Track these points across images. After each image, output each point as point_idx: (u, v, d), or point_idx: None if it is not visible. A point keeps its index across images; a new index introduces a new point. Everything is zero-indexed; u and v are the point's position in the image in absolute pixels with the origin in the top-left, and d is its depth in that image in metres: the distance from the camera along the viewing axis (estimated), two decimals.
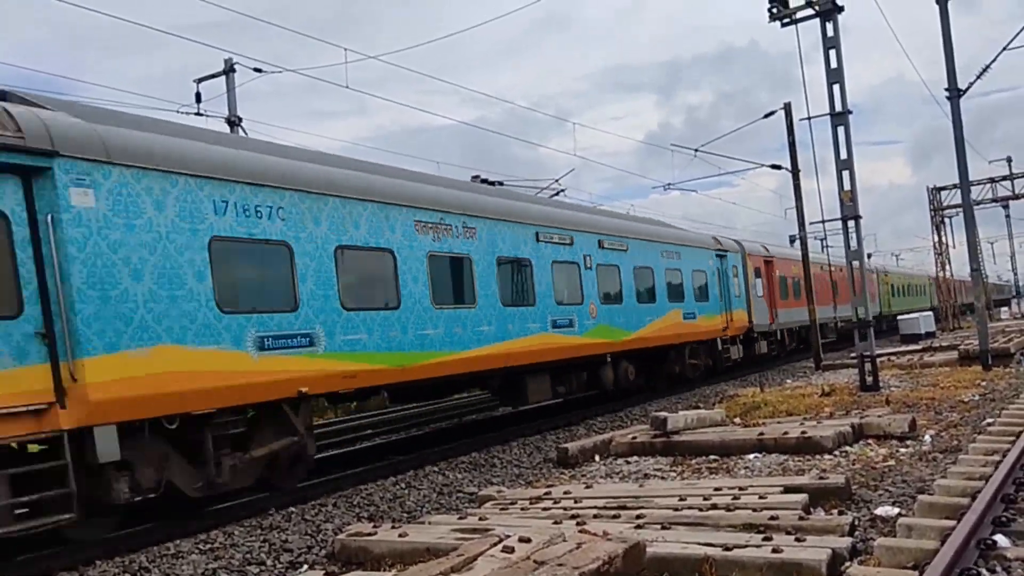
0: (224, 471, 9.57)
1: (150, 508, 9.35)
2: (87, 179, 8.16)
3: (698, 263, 22.90)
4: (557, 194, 22.99)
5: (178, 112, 20.06)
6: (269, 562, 7.89)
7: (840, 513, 7.12)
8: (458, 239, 13.43)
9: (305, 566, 7.65)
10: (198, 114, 20.27)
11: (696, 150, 27.28)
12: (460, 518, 7.90)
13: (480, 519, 7.64)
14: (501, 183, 18.99)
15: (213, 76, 21.23)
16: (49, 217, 7.82)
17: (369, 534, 7.44)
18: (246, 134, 20.22)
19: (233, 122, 21.03)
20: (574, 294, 16.71)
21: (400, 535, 7.17)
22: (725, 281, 24.51)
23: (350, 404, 19.10)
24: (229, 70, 21.16)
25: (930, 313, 39.37)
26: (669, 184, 32.31)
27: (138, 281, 8.51)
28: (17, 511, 7.47)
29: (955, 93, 19.36)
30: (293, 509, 9.90)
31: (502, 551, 5.23)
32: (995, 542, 5.53)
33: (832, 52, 16.85)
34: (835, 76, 16.88)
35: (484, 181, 18.47)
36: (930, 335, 35.00)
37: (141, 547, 8.45)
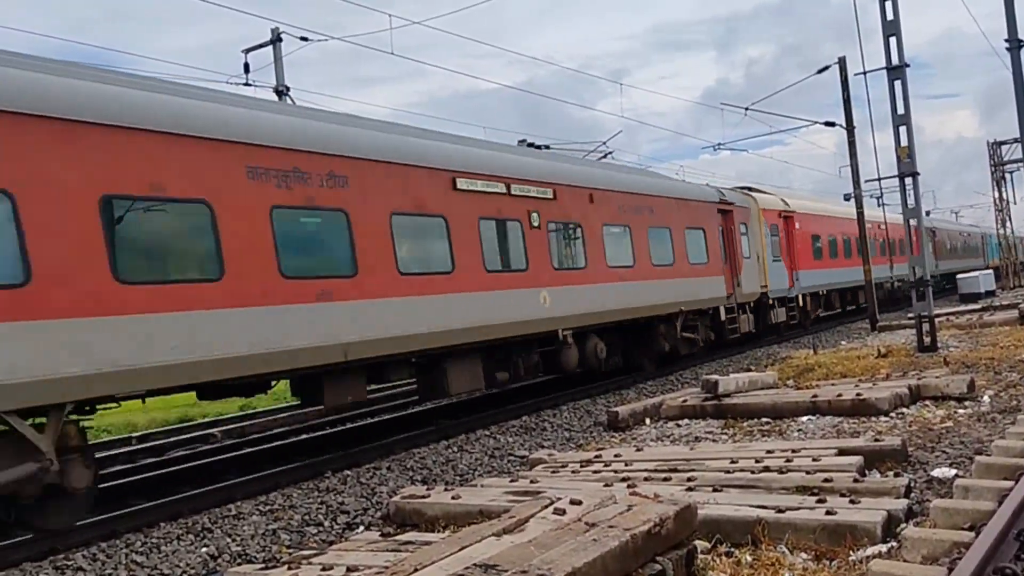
0: None
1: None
2: None
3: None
4: (604, 156, 22.77)
5: (227, 83, 20.28)
6: (327, 523, 8.09)
7: (896, 475, 7.04)
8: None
9: (361, 527, 7.82)
10: (247, 84, 20.46)
11: (747, 108, 26.72)
12: (511, 481, 7.99)
13: (531, 482, 7.72)
14: (548, 147, 18.86)
15: (260, 46, 21.39)
16: None
17: (423, 496, 7.57)
18: (294, 103, 20.38)
19: (281, 91, 21.18)
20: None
21: (453, 497, 7.28)
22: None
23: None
24: (276, 40, 21.28)
25: (990, 271, 38.37)
26: (719, 144, 31.81)
27: None
28: None
29: (1015, 44, 18.62)
30: (348, 472, 10.10)
31: (553, 513, 5.27)
32: None
33: (888, 3, 16.35)
34: (891, 28, 16.38)
35: (531, 146, 18.37)
36: (990, 294, 34.18)
37: (203, 509, 8.72)
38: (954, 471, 7.00)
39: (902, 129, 16.51)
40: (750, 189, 25.75)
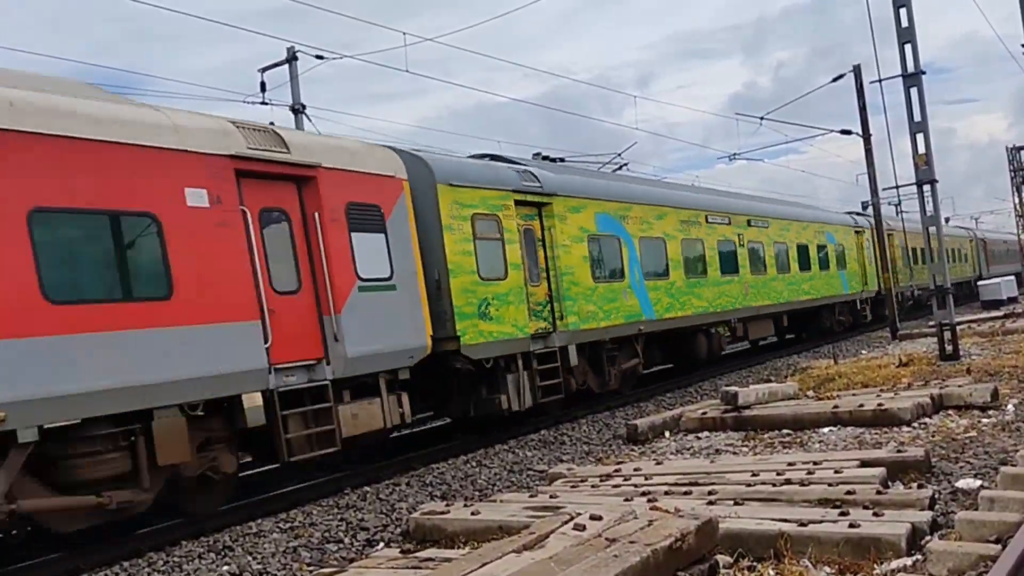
0: None
1: None
2: None
3: None
4: (620, 168, 22.71)
5: (244, 102, 20.47)
6: (347, 540, 8.08)
7: (920, 487, 6.97)
8: None
9: (381, 544, 7.81)
10: (263, 103, 20.65)
11: (761, 118, 26.65)
12: (531, 496, 7.97)
13: (551, 497, 7.70)
14: (563, 159, 18.85)
15: (276, 65, 21.56)
16: None
17: (442, 512, 7.56)
18: (310, 121, 20.57)
19: (297, 110, 21.34)
20: None
21: (473, 513, 7.27)
22: None
23: None
24: (292, 58, 21.46)
25: (1012, 277, 37.96)
26: (734, 154, 31.78)
27: None
28: None
29: None
30: (368, 489, 10.10)
31: (574, 529, 5.26)
32: None
33: (903, 11, 16.30)
34: (906, 36, 16.33)
35: (546, 158, 18.35)
36: (1012, 300, 33.82)
37: (225, 527, 8.74)
38: (979, 482, 6.93)
39: (919, 136, 16.43)
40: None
